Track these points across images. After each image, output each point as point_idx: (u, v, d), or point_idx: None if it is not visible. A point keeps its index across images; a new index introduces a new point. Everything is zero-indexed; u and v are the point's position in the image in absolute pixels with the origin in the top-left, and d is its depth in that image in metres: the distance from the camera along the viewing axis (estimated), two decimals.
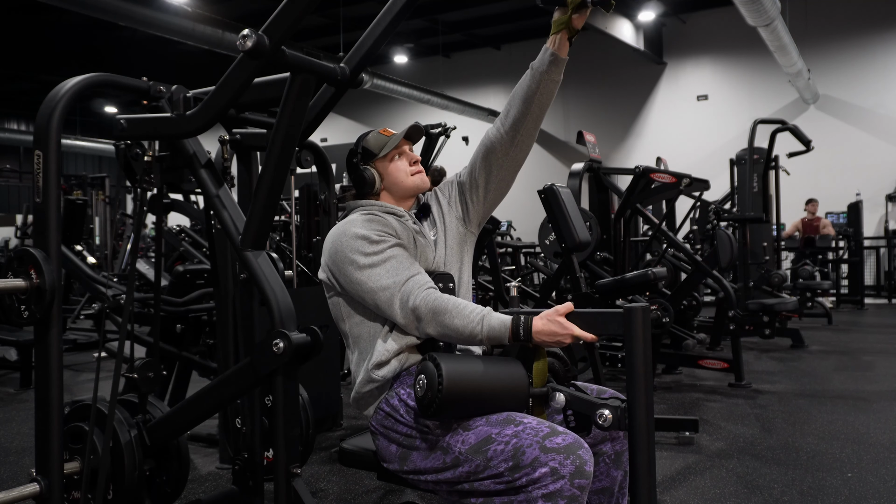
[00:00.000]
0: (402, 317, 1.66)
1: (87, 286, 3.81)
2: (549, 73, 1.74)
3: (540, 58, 1.75)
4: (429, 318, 1.63)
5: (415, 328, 1.67)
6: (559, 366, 1.66)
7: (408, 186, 1.87)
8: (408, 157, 1.89)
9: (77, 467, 1.93)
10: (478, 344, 1.65)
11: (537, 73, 1.74)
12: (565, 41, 1.72)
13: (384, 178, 1.87)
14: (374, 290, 1.68)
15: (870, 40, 11.91)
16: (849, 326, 7.95)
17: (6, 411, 4.40)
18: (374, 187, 1.86)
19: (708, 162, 11.99)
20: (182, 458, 2.05)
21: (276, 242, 5.22)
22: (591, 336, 1.56)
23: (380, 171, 1.87)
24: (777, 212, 7.47)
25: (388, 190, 1.89)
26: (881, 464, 3.09)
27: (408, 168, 1.87)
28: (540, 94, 1.75)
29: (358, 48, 1.87)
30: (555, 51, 1.72)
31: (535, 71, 1.75)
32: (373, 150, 1.87)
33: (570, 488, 1.44)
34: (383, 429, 1.74)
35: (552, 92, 1.76)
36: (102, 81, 1.96)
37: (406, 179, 1.87)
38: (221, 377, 1.91)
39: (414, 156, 1.90)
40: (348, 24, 12.26)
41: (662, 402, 4.33)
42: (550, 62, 1.73)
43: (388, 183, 1.88)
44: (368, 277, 1.69)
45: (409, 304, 1.65)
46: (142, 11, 8.22)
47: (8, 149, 19.27)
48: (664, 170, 4.72)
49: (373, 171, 1.86)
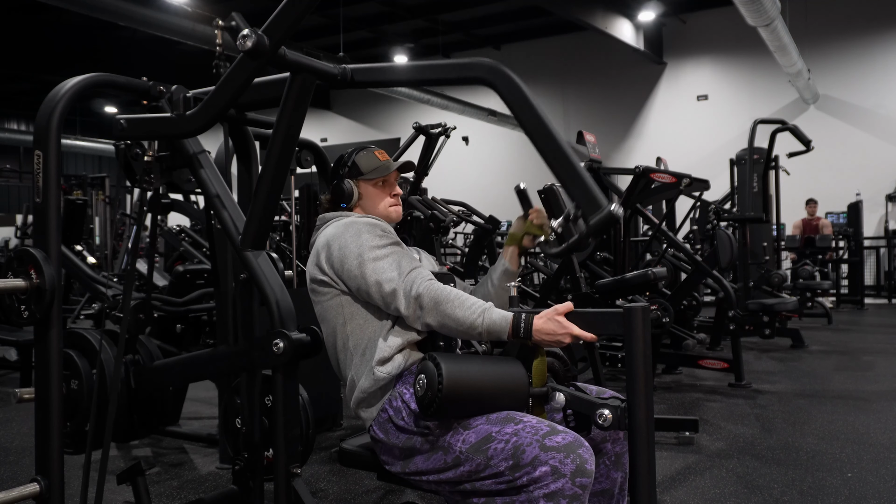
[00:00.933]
0: (405, 306, 1.68)
1: (87, 286, 3.81)
2: (502, 282, 1.93)
3: (495, 266, 1.97)
4: (431, 306, 1.65)
5: (416, 318, 1.68)
6: (559, 366, 1.66)
7: (381, 213, 1.95)
8: (391, 188, 1.97)
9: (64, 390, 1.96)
10: (476, 337, 1.66)
11: (494, 281, 1.95)
12: (516, 256, 1.94)
13: (362, 197, 1.94)
14: (380, 282, 1.71)
15: (870, 40, 11.91)
16: (849, 326, 7.95)
17: (6, 411, 4.40)
18: (350, 201, 1.93)
19: (708, 162, 11.98)
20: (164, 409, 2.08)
21: (276, 242, 5.22)
22: (591, 336, 1.57)
23: (360, 190, 1.94)
24: (777, 212, 7.46)
25: (361, 208, 1.95)
26: (881, 464, 3.09)
27: (388, 199, 1.96)
28: (496, 299, 1.92)
29: (371, 71, 1.79)
30: (507, 264, 1.93)
31: (491, 278, 1.96)
32: (361, 169, 1.93)
33: (572, 487, 1.45)
34: (385, 432, 1.73)
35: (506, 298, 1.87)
36: (102, 81, 1.96)
37: (382, 206, 1.95)
38: (220, 349, 1.91)
39: (398, 189, 1.99)
40: (348, 24, 12.27)
41: (662, 402, 4.33)
42: (503, 272, 1.94)
43: (363, 203, 1.95)
44: (374, 270, 1.72)
45: (412, 292, 1.67)
46: (142, 11, 8.23)
47: (8, 149, 19.27)
48: (664, 170, 4.71)
49: (353, 186, 1.93)
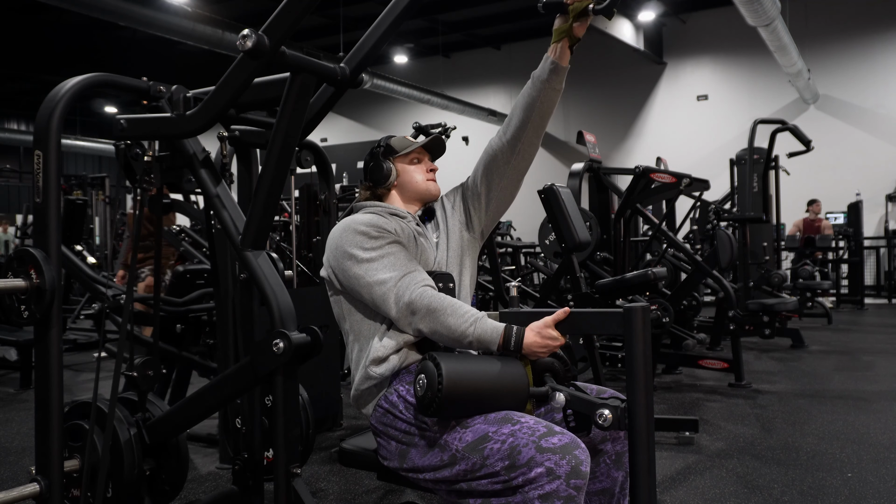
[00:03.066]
0: (395, 311, 1.67)
1: (87, 286, 3.81)
2: (550, 81, 1.74)
3: (541, 66, 1.75)
4: (423, 313, 1.64)
5: (408, 324, 1.68)
6: (559, 366, 1.66)
7: (420, 189, 1.92)
8: (426, 164, 1.96)
9: (77, 465, 1.93)
10: (466, 346, 1.65)
11: (538, 82, 1.75)
12: (566, 49, 1.72)
13: (400, 175, 1.93)
14: (371, 285, 1.69)
15: (870, 40, 11.91)
16: (849, 326, 7.95)
17: (6, 411, 4.39)
18: (389, 180, 1.91)
19: (708, 162, 11.99)
20: (181, 457, 2.05)
21: (276, 242, 5.22)
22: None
23: (397, 169, 1.93)
24: (777, 212, 7.47)
25: (399, 188, 1.93)
26: (881, 464, 3.09)
27: (424, 173, 1.94)
28: (541, 102, 1.75)
29: (358, 49, 1.87)
30: (555, 59, 1.72)
31: (536, 80, 1.75)
32: (395, 148, 1.93)
33: (567, 489, 1.44)
34: (382, 426, 1.74)
35: (553, 101, 1.77)
36: (102, 81, 1.96)
37: (420, 182, 1.92)
38: (221, 376, 1.91)
39: (432, 164, 1.97)
40: (348, 24, 12.27)
41: (662, 402, 4.33)
42: (551, 70, 1.73)
43: (401, 181, 1.92)
44: (366, 272, 1.71)
45: (404, 298, 1.66)
46: (142, 11, 8.22)
47: (8, 149, 19.26)
48: (664, 170, 4.72)
49: (391, 165, 1.92)
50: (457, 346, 1.68)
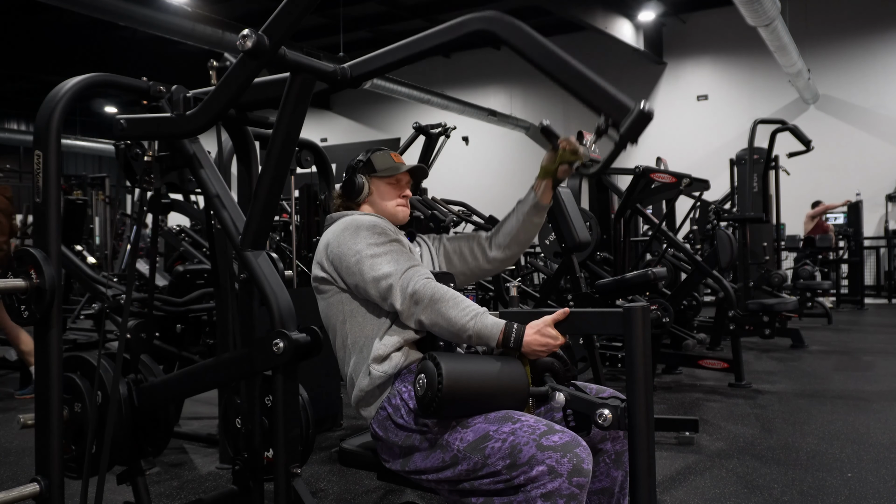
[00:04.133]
0: (400, 301, 1.69)
1: (87, 286, 3.81)
2: (531, 216, 1.91)
3: (526, 197, 1.92)
4: (426, 302, 1.65)
5: (410, 315, 1.69)
6: (559, 365, 1.66)
7: (388, 211, 1.96)
8: (401, 189, 1.98)
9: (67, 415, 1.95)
10: (466, 340, 1.66)
11: (521, 215, 1.92)
12: (549, 189, 1.89)
13: (372, 193, 1.95)
14: (377, 279, 1.71)
15: (870, 40, 11.91)
16: (849, 326, 7.95)
17: (6, 411, 4.40)
18: (360, 196, 1.94)
19: (708, 162, 11.98)
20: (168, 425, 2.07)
21: (276, 242, 5.22)
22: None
23: (371, 186, 1.95)
24: (777, 212, 7.46)
25: (370, 205, 1.96)
26: (881, 464, 3.09)
27: (397, 199, 1.97)
28: (522, 233, 1.93)
29: (367, 62, 1.79)
30: (539, 199, 1.89)
31: (519, 211, 1.93)
32: (375, 166, 1.95)
33: (569, 487, 1.45)
34: (384, 430, 1.74)
35: (533, 233, 1.95)
36: (102, 81, 1.96)
37: (389, 206, 1.96)
38: (220, 358, 1.91)
39: (408, 191, 2.00)
40: (348, 24, 12.27)
41: (662, 402, 4.33)
42: (533, 206, 1.90)
43: (372, 199, 1.96)
44: (371, 267, 1.73)
45: (408, 288, 1.68)
46: (142, 11, 8.23)
47: (8, 149, 19.25)
48: (664, 170, 4.71)
49: (364, 182, 1.94)
50: (456, 339, 1.69)
